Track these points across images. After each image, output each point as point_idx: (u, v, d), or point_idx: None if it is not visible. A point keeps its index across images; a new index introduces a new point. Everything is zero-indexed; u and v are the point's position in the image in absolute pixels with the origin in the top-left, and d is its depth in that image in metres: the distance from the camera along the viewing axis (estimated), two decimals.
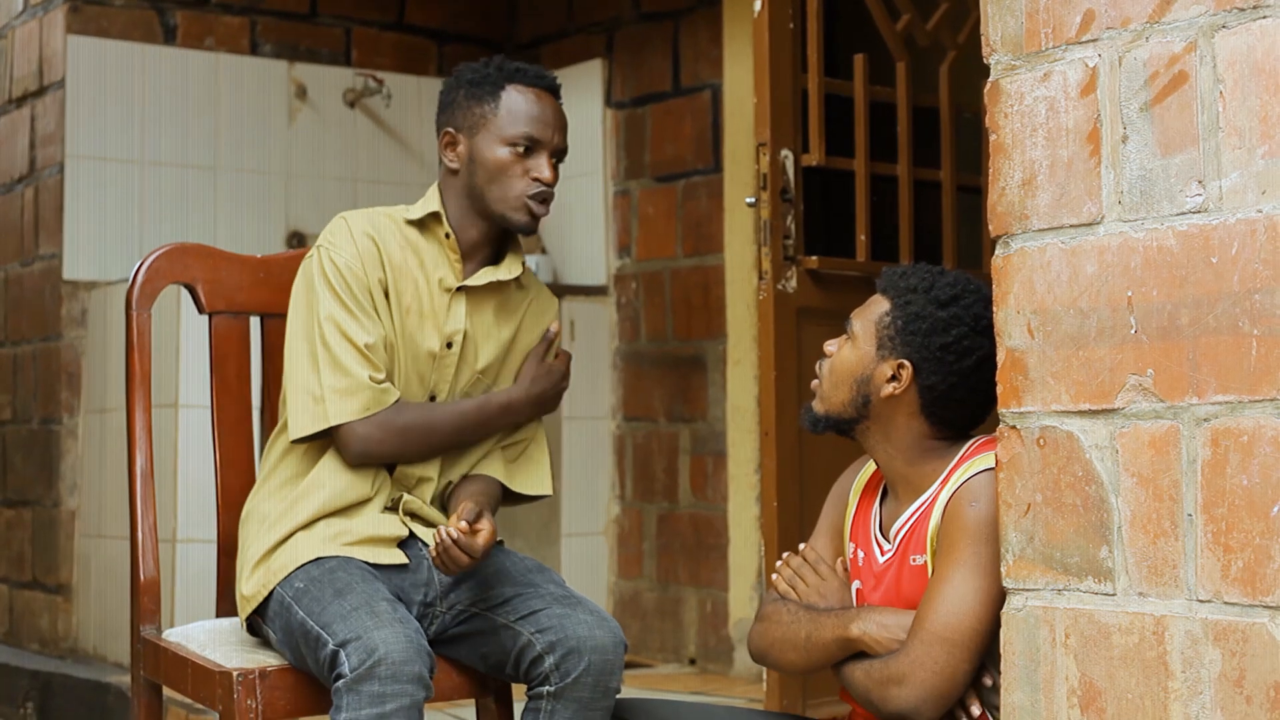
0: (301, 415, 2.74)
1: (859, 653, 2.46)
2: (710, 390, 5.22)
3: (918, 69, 4.19)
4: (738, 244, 5.12)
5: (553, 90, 2.86)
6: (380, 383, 2.74)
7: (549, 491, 2.98)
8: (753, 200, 3.85)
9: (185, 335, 4.76)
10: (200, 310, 2.97)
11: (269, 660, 2.67)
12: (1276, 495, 1.88)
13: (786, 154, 3.81)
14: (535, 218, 2.82)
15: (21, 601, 5.72)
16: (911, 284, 2.52)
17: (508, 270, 2.87)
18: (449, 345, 2.83)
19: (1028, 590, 2.16)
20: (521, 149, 2.79)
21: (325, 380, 2.73)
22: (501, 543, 2.85)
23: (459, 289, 2.83)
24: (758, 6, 3.81)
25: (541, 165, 2.80)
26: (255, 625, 2.76)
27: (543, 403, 2.92)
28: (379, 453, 2.76)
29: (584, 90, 5.67)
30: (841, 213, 4.15)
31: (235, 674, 2.59)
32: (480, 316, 2.87)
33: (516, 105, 2.81)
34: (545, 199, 2.82)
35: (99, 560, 5.26)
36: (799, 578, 2.61)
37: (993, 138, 2.20)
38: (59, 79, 5.47)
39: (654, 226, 5.46)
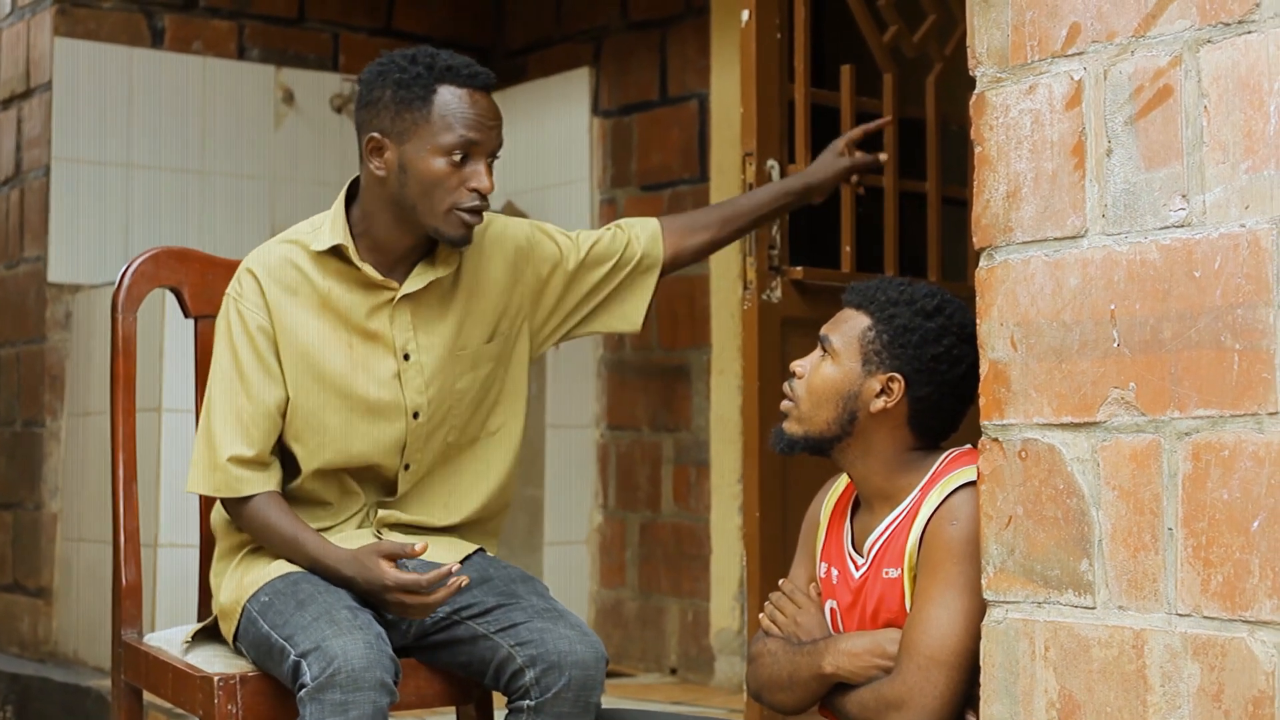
0: (189, 468, 2.74)
1: (842, 684, 2.47)
2: (694, 400, 5.22)
3: (904, 81, 4.20)
4: (723, 254, 5.08)
5: (487, 87, 2.67)
6: (246, 462, 2.65)
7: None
8: None
9: (170, 339, 4.75)
10: (185, 314, 2.97)
11: (250, 666, 2.66)
12: (1257, 510, 1.88)
13: (772, 164, 3.81)
14: (470, 229, 2.65)
15: (2, 604, 5.70)
16: (891, 297, 2.50)
17: (445, 264, 2.72)
18: (406, 357, 2.72)
19: (1008, 603, 2.16)
20: (458, 157, 2.62)
21: (197, 446, 2.71)
22: (483, 549, 2.85)
23: (402, 299, 2.70)
24: (745, 16, 3.81)
25: (480, 173, 2.63)
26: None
27: (348, 581, 2.61)
28: (237, 525, 2.75)
29: (571, 98, 5.67)
30: (827, 224, 4.15)
31: (216, 679, 2.58)
32: (432, 312, 2.73)
33: (451, 109, 2.61)
34: (481, 210, 2.65)
35: (80, 564, 5.25)
36: (778, 610, 2.61)
37: (978, 150, 2.20)
38: (46, 81, 5.46)
39: None
